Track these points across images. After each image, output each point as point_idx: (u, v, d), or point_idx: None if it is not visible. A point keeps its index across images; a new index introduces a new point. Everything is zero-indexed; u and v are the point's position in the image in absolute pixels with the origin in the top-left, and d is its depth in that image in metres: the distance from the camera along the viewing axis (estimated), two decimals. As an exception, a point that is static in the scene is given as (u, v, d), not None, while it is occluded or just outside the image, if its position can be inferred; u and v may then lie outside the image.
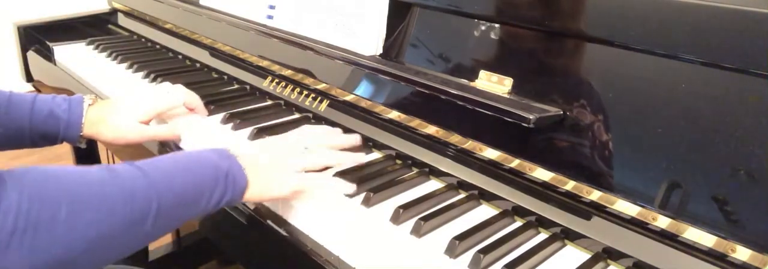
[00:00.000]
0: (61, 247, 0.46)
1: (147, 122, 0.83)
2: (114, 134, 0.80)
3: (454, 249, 0.60)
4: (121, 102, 0.83)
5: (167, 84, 0.90)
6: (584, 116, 0.64)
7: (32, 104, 0.76)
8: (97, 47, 1.28)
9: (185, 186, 0.56)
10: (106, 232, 0.49)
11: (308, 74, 0.95)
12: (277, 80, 1.00)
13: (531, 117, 0.63)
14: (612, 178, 0.62)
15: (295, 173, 0.66)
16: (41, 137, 0.77)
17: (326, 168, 0.74)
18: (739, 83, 0.54)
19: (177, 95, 0.87)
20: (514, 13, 0.70)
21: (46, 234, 0.45)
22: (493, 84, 0.72)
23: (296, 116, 0.96)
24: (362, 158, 0.77)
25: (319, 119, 0.92)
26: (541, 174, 0.66)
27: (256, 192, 0.63)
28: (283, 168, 0.66)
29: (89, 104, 0.80)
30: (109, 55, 1.24)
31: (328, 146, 0.74)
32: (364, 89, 0.86)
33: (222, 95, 1.01)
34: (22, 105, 0.76)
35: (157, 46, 1.32)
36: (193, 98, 0.90)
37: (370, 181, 0.73)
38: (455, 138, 0.75)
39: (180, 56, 1.25)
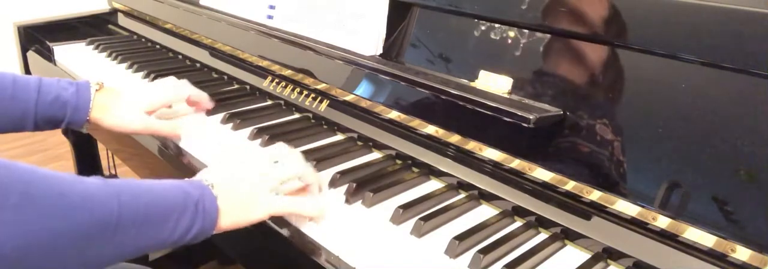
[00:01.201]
0: (6, 237, 0.43)
1: (151, 114, 0.83)
2: (116, 121, 0.80)
3: (454, 249, 0.60)
4: (128, 91, 0.83)
5: (172, 78, 0.90)
6: (584, 116, 0.64)
7: (38, 87, 0.76)
8: (97, 47, 1.28)
9: (151, 205, 0.53)
10: (55, 232, 0.46)
11: (308, 74, 0.95)
12: (277, 80, 1.00)
13: (531, 117, 0.63)
14: (612, 178, 0.62)
15: (271, 195, 0.63)
16: (46, 121, 0.77)
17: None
18: (739, 83, 0.54)
19: (183, 89, 0.88)
20: (513, 13, 0.70)
21: None
22: (493, 84, 0.72)
23: (296, 116, 0.96)
24: (323, 181, 0.73)
25: (319, 119, 0.92)
26: (541, 174, 0.66)
27: (230, 220, 0.60)
28: (257, 190, 0.62)
29: (96, 90, 0.80)
30: (109, 56, 1.24)
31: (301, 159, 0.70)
32: (364, 89, 0.86)
33: (222, 95, 1.01)
34: (27, 88, 0.75)
35: (157, 46, 1.32)
36: (197, 92, 0.91)
37: (370, 181, 0.73)
38: (455, 138, 0.75)
39: (180, 56, 1.25)
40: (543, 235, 0.65)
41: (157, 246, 0.54)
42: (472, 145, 0.73)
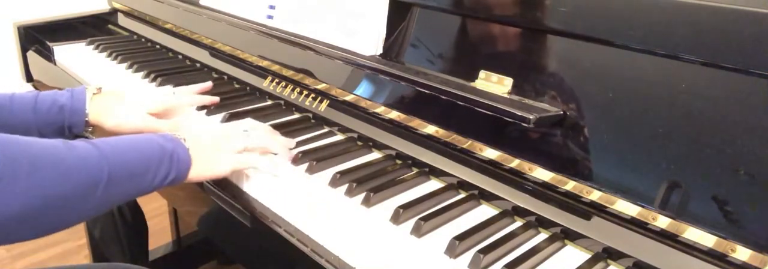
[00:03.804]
0: (20, 202, 0.50)
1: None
2: (118, 121, 0.81)
3: (454, 249, 0.60)
4: (129, 93, 0.84)
5: (169, 87, 0.92)
6: (584, 116, 0.64)
7: (35, 98, 0.78)
8: (97, 47, 1.28)
9: (133, 161, 0.61)
10: (61, 192, 0.54)
11: (308, 74, 0.95)
12: (277, 80, 1.00)
13: (531, 117, 0.63)
14: (612, 178, 0.62)
15: (234, 153, 0.71)
16: (48, 128, 0.78)
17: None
18: (739, 83, 0.54)
19: (182, 98, 0.89)
20: (514, 13, 0.70)
21: (7, 187, 0.49)
22: (493, 84, 0.72)
23: (296, 116, 0.96)
24: (291, 143, 0.81)
25: (319, 119, 0.92)
26: (541, 174, 0.66)
27: (199, 171, 0.68)
28: (223, 148, 0.71)
29: (93, 93, 0.82)
30: (109, 56, 1.24)
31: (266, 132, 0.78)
32: (364, 89, 0.86)
33: (222, 95, 1.01)
34: (25, 101, 0.78)
35: (157, 46, 1.32)
36: (198, 99, 0.92)
37: (370, 181, 0.73)
38: (455, 138, 0.75)
39: (180, 56, 1.25)
40: (543, 235, 0.65)
41: (140, 193, 0.63)
42: (471, 145, 0.73)
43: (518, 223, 0.67)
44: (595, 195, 0.62)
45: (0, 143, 0.51)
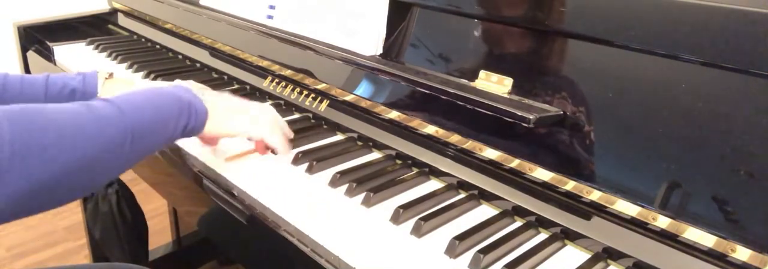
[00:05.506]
0: (56, 167, 0.52)
1: None
2: None
3: (454, 249, 0.60)
4: (139, 81, 0.87)
5: (178, 81, 0.92)
6: (584, 116, 0.64)
7: (46, 80, 0.78)
8: (97, 47, 1.28)
9: (153, 116, 0.62)
10: (91, 153, 0.55)
11: (308, 74, 0.95)
12: (277, 80, 1.00)
13: (531, 117, 0.63)
14: (612, 178, 0.62)
15: (249, 116, 0.73)
16: None
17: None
18: (739, 83, 0.54)
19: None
20: (514, 13, 0.70)
21: (39, 156, 0.50)
22: (493, 84, 0.72)
23: (296, 116, 0.96)
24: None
25: (319, 119, 0.92)
26: (541, 174, 0.66)
27: (214, 125, 0.69)
28: (237, 110, 0.72)
29: (105, 78, 0.82)
30: (109, 56, 1.24)
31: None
32: (364, 89, 0.86)
33: (222, 95, 1.02)
34: (35, 83, 0.78)
35: (157, 46, 1.32)
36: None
37: (370, 181, 0.73)
38: (455, 138, 0.75)
39: (180, 56, 1.25)
40: (543, 235, 0.65)
41: (163, 144, 0.65)
42: (471, 145, 0.73)
43: (518, 223, 0.67)
44: (595, 195, 0.62)
45: (20, 116, 0.52)
